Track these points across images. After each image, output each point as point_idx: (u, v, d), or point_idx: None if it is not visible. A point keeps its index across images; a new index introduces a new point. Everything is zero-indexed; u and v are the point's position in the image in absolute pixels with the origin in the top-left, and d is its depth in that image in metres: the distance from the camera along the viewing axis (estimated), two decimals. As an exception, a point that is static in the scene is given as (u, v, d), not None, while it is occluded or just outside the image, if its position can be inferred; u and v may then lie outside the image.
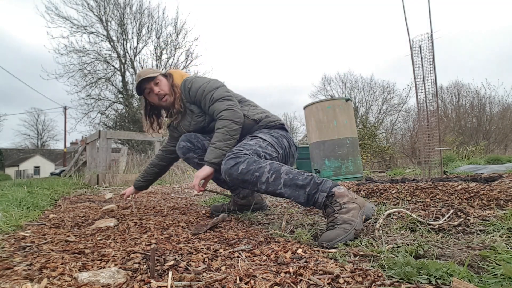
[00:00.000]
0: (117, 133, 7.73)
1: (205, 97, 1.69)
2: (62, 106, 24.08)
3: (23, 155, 39.48)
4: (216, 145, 1.57)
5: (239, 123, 1.62)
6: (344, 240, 1.12)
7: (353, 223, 1.18)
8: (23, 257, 1.02)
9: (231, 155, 1.45)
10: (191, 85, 1.74)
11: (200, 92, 1.71)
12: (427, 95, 3.83)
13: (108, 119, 13.73)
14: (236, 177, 1.40)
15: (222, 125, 1.59)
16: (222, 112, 1.61)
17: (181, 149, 1.81)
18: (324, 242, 1.11)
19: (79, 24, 12.89)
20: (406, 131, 15.73)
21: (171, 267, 0.91)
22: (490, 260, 0.85)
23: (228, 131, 1.58)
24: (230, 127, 1.59)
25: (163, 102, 1.81)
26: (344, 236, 1.13)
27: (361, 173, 4.21)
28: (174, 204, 2.45)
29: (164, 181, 5.38)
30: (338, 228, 1.16)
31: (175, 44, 13.72)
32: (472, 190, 1.74)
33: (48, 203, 2.53)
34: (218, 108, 1.64)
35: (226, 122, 1.59)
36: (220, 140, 1.57)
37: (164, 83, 1.80)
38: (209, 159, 1.55)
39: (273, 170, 1.35)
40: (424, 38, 3.78)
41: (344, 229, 1.15)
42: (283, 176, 1.32)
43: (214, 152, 1.56)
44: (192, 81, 1.77)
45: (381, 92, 18.31)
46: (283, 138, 1.70)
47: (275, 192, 1.34)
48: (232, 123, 1.60)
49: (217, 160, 1.54)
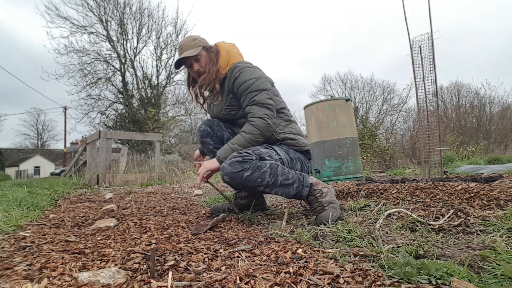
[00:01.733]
0: (117, 133, 7.73)
1: (247, 95, 1.62)
2: (62, 106, 24.11)
3: (23, 155, 39.48)
4: (234, 147, 1.55)
5: (265, 137, 1.60)
6: (337, 216, 1.44)
7: (336, 201, 1.53)
8: (23, 257, 1.02)
9: (238, 158, 1.46)
10: (238, 75, 1.64)
11: (244, 88, 1.62)
12: (427, 95, 3.83)
13: (108, 119, 13.72)
14: (239, 182, 1.47)
15: (249, 131, 1.56)
16: (256, 119, 1.57)
17: (201, 131, 1.79)
18: (323, 220, 1.39)
19: (79, 24, 12.90)
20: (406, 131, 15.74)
21: (171, 267, 0.91)
22: (490, 260, 0.85)
23: (252, 140, 1.56)
24: (256, 137, 1.57)
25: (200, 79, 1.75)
26: (335, 213, 1.45)
27: (361, 173, 4.21)
28: (174, 204, 2.45)
29: (164, 181, 5.38)
30: (328, 209, 1.47)
31: (175, 44, 13.71)
32: (472, 190, 1.74)
33: (48, 203, 2.53)
34: (254, 112, 1.59)
35: (254, 131, 1.56)
36: (240, 145, 1.55)
37: (205, 59, 1.70)
38: (221, 156, 1.54)
39: (273, 173, 1.48)
40: (424, 38, 3.78)
41: (334, 208, 1.48)
42: (279, 178, 1.49)
43: (228, 153, 1.54)
44: (241, 71, 1.65)
45: (381, 92, 18.31)
46: (298, 161, 1.69)
47: (271, 192, 1.52)
48: (260, 134, 1.58)
49: (223, 159, 1.55)
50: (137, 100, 13.47)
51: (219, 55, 1.72)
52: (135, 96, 13.58)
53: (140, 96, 13.42)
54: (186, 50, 1.68)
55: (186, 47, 1.69)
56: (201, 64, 1.70)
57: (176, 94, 14.09)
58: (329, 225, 1.33)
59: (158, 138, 6.33)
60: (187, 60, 1.70)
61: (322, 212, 1.47)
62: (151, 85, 13.65)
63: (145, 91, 13.61)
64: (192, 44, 1.69)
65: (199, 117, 14.10)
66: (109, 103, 13.74)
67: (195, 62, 1.70)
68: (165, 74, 13.88)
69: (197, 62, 1.70)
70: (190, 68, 1.74)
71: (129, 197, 3.03)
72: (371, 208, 1.74)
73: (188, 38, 1.74)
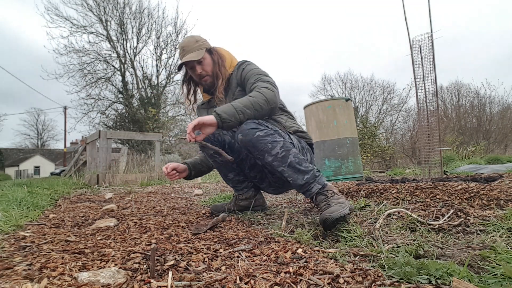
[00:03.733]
0: (117, 133, 7.73)
1: (252, 76, 1.59)
2: (62, 106, 24.11)
3: (23, 155, 39.49)
4: (235, 105, 1.42)
5: (269, 107, 1.49)
6: (343, 213, 1.24)
7: (345, 202, 1.36)
8: (23, 257, 1.02)
9: (255, 121, 1.44)
10: (246, 66, 1.66)
11: (251, 73, 1.61)
12: (427, 95, 3.83)
13: (108, 119, 13.72)
14: (250, 140, 1.42)
15: (254, 95, 1.47)
16: (263, 88, 1.50)
17: None
18: (327, 214, 1.23)
19: (78, 24, 12.89)
20: (406, 131, 15.74)
21: (171, 267, 0.91)
22: (490, 260, 0.85)
23: (255, 103, 1.45)
24: (260, 102, 1.46)
25: (202, 81, 1.72)
26: (342, 210, 1.27)
27: (361, 173, 4.21)
28: (174, 204, 2.45)
29: (164, 181, 5.38)
30: (335, 205, 1.31)
31: (175, 44, 13.72)
32: (472, 190, 1.74)
33: (48, 203, 2.53)
34: (260, 84, 1.53)
35: (259, 96, 1.46)
36: (243, 104, 1.43)
37: (208, 62, 1.69)
38: (220, 110, 1.40)
39: (285, 148, 1.42)
40: (424, 38, 3.79)
41: (341, 205, 1.31)
42: (291, 158, 1.41)
43: (228, 108, 1.41)
44: (248, 63, 1.69)
45: (381, 92, 18.30)
46: (308, 152, 1.67)
47: (277, 168, 1.43)
48: (264, 101, 1.47)
49: (226, 116, 1.40)
50: (137, 100, 13.47)
51: (224, 58, 1.71)
52: (135, 96, 13.58)
53: (140, 96, 13.42)
54: (189, 52, 1.66)
55: (189, 49, 1.66)
56: (204, 67, 1.68)
57: (176, 94, 14.09)
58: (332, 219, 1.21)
59: (158, 138, 6.33)
60: (189, 62, 1.67)
61: (327, 208, 1.34)
62: (151, 85, 13.65)
63: (145, 91, 13.61)
64: (195, 47, 1.67)
65: (199, 117, 14.10)
66: (109, 103, 13.74)
67: (198, 65, 1.68)
68: (165, 74, 13.89)
69: (199, 64, 1.68)
70: (192, 70, 1.71)
71: (129, 197, 3.03)
72: (371, 208, 1.74)
73: (191, 39, 1.71)
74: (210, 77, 1.70)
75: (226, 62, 1.71)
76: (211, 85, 1.73)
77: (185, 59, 1.64)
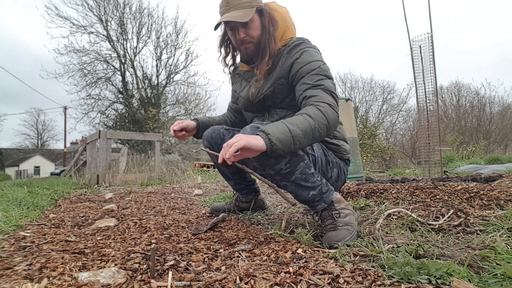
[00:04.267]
0: (117, 133, 7.73)
1: (310, 76, 1.25)
2: (62, 106, 24.11)
3: (23, 155, 39.49)
4: (293, 131, 1.07)
5: (327, 133, 1.19)
6: (350, 241, 1.13)
7: (353, 225, 1.22)
8: (23, 257, 1.03)
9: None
10: (300, 55, 1.29)
11: (308, 69, 1.26)
12: (427, 95, 3.83)
13: (108, 119, 13.72)
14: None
15: (315, 116, 1.13)
16: (325, 105, 1.17)
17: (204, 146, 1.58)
18: (334, 241, 1.11)
19: (79, 24, 12.89)
20: (406, 131, 15.74)
21: (171, 267, 0.91)
22: (490, 260, 0.85)
23: (314, 128, 1.12)
24: (320, 126, 1.13)
25: (242, 48, 1.38)
26: (350, 236, 1.16)
27: (361, 173, 4.21)
28: (174, 204, 2.45)
29: (164, 181, 5.38)
30: (342, 229, 1.18)
31: (175, 44, 13.72)
32: (472, 190, 1.74)
33: (48, 203, 2.53)
34: (322, 96, 1.19)
35: (321, 118, 1.13)
36: (303, 131, 1.09)
37: (256, 26, 1.33)
38: (274, 136, 1.04)
39: (291, 164, 1.19)
40: (424, 38, 3.79)
41: (348, 230, 1.18)
42: (296, 174, 1.21)
43: (284, 135, 1.06)
44: (304, 51, 1.30)
45: (381, 92, 18.28)
46: (335, 167, 1.40)
47: (280, 182, 1.24)
48: (325, 125, 1.15)
49: (280, 147, 1.05)
50: (137, 100, 13.47)
51: (276, 25, 1.34)
52: (135, 96, 13.58)
53: (140, 96, 13.42)
54: (234, 9, 1.29)
55: (235, 3, 1.29)
56: (250, 32, 1.32)
57: (176, 94, 14.09)
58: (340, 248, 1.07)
59: (158, 138, 6.33)
60: (231, 22, 1.31)
61: (332, 231, 1.19)
62: (151, 85, 13.65)
63: (145, 91, 13.61)
64: (244, 3, 1.30)
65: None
66: (109, 103, 13.74)
67: (242, 28, 1.32)
68: (165, 74, 13.89)
69: (244, 28, 1.32)
70: (233, 32, 1.36)
71: (129, 197, 3.03)
72: (371, 208, 1.74)
73: None
74: (254, 45, 1.35)
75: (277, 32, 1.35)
76: (252, 55, 1.39)
77: (227, 18, 1.28)
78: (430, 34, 3.71)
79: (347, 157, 1.46)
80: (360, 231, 1.22)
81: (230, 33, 1.38)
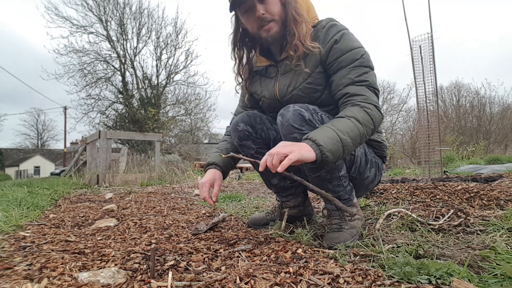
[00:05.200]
0: (117, 133, 7.73)
1: (354, 69, 1.11)
2: (62, 106, 24.12)
3: (23, 155, 39.48)
4: (344, 140, 1.00)
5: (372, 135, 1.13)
6: (348, 244, 1.13)
7: (358, 229, 1.21)
8: (23, 257, 1.03)
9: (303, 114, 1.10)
10: (340, 38, 1.13)
11: (351, 58, 1.11)
12: (427, 95, 3.83)
13: (108, 119, 13.72)
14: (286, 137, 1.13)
15: (364, 121, 1.05)
16: (372, 107, 1.08)
17: (238, 132, 1.31)
18: (334, 242, 1.12)
19: (78, 24, 12.88)
20: (406, 131, 15.72)
21: (171, 267, 0.91)
22: (490, 260, 0.85)
23: (363, 134, 1.05)
24: (367, 131, 1.07)
25: (263, 31, 1.16)
26: (351, 239, 1.15)
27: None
28: (174, 204, 2.45)
29: (164, 181, 5.38)
30: (345, 232, 1.17)
31: (175, 44, 13.71)
32: (472, 190, 1.74)
33: (48, 203, 2.53)
34: (368, 96, 1.09)
35: (369, 122, 1.06)
36: (352, 137, 1.02)
37: (274, 0, 1.14)
38: (326, 147, 0.96)
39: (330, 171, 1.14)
40: (424, 38, 3.79)
41: (351, 234, 1.17)
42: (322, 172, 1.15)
43: (335, 144, 0.98)
44: (343, 33, 1.14)
45: (381, 92, 18.29)
46: (373, 167, 1.30)
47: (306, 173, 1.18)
48: (372, 130, 1.09)
49: (331, 158, 0.98)
50: (137, 100, 13.46)
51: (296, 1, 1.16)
52: (135, 96, 13.57)
53: (140, 96, 13.42)
54: None
55: None
56: (269, 7, 1.13)
57: (176, 94, 14.08)
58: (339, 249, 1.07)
59: (158, 138, 6.33)
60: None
61: (335, 232, 1.17)
62: (151, 85, 13.65)
63: (145, 91, 13.61)
64: None
65: (199, 117, 14.10)
66: (109, 103, 13.74)
67: (260, 3, 1.13)
68: (165, 74, 13.88)
69: (262, 2, 1.13)
70: (249, 13, 1.16)
71: (129, 197, 3.03)
72: (371, 208, 1.74)
73: None
74: (277, 24, 1.15)
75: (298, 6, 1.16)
76: (277, 39, 1.18)
77: None
78: (430, 34, 3.71)
79: (386, 154, 1.36)
80: (362, 234, 1.23)
81: (245, 19, 1.19)
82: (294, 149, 0.95)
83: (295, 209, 1.47)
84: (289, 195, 1.45)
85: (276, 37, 1.17)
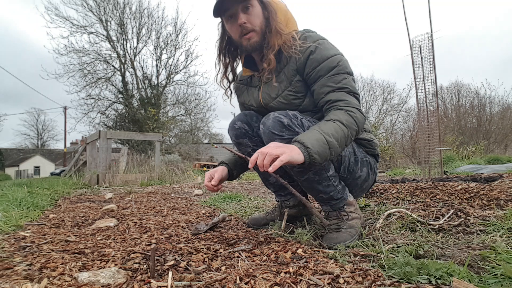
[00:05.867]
0: (117, 133, 7.73)
1: (332, 76, 1.16)
2: (62, 106, 24.12)
3: (23, 155, 39.48)
4: (331, 143, 1.04)
5: (355, 137, 1.17)
6: (348, 244, 1.14)
7: (357, 228, 1.22)
8: (23, 257, 1.02)
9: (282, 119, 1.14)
10: (315, 48, 1.18)
11: (328, 67, 1.16)
12: (427, 95, 3.83)
13: (108, 119, 13.72)
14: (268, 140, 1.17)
15: (347, 123, 1.09)
16: (355, 110, 1.13)
17: (235, 130, 1.36)
18: (333, 242, 1.13)
19: (78, 24, 12.88)
20: (406, 131, 15.72)
21: (171, 267, 0.91)
22: (490, 260, 0.85)
23: (347, 136, 1.10)
24: (352, 133, 1.12)
25: (244, 39, 1.22)
26: (351, 240, 1.16)
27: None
28: (174, 204, 2.45)
29: (164, 181, 5.38)
30: (344, 232, 1.19)
31: (175, 44, 13.71)
32: (472, 190, 1.74)
33: (48, 203, 2.53)
34: (349, 100, 1.15)
35: (353, 125, 1.11)
36: (338, 140, 1.07)
37: (257, 11, 1.20)
38: (313, 149, 1.00)
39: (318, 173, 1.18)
40: (424, 38, 3.79)
41: (350, 233, 1.18)
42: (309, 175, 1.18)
43: (322, 147, 1.03)
44: (319, 43, 1.19)
45: (381, 92, 18.28)
46: (365, 166, 1.32)
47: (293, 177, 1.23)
48: (356, 132, 1.14)
49: (318, 160, 1.02)
50: (137, 100, 13.46)
51: (276, 15, 1.21)
52: (135, 96, 13.57)
53: (140, 96, 13.42)
54: None
55: None
56: (251, 18, 1.19)
57: (176, 94, 14.08)
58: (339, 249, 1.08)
59: (158, 138, 6.33)
60: (234, 4, 1.17)
61: (334, 232, 1.19)
62: (151, 85, 13.65)
63: (145, 91, 13.61)
64: None
65: (198, 117, 14.10)
66: (109, 103, 13.74)
67: (243, 13, 1.18)
68: (165, 74, 13.88)
69: (244, 12, 1.18)
70: (232, 20, 1.21)
71: (129, 197, 3.03)
72: (371, 208, 1.74)
73: None
74: (257, 34, 1.21)
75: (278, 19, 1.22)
76: (256, 48, 1.23)
77: None
78: (430, 34, 3.71)
79: (378, 152, 1.38)
80: (362, 234, 1.23)
81: (229, 25, 1.24)
82: (285, 150, 0.99)
83: (294, 209, 1.49)
84: (287, 194, 1.47)
85: (255, 46, 1.23)
